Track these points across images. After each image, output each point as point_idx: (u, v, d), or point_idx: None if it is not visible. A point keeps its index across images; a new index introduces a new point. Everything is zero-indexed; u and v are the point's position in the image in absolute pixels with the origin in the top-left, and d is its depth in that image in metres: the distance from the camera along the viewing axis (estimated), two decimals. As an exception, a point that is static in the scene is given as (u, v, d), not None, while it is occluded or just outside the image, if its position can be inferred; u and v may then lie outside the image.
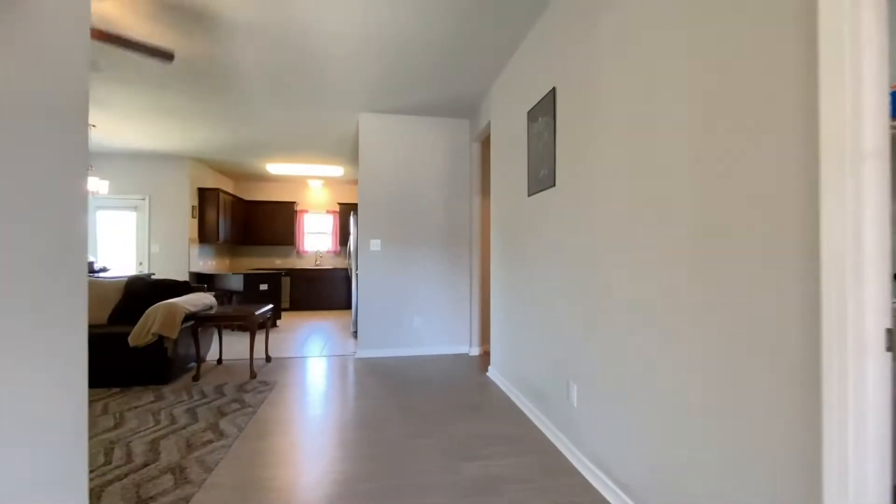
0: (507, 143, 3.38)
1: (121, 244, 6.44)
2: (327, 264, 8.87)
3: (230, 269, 8.36)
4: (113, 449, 2.29)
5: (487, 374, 3.81)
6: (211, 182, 7.39)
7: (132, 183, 6.37)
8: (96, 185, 4.79)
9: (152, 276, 5.80)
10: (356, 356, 4.47)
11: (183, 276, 6.49)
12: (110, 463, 2.14)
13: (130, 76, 3.56)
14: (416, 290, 4.60)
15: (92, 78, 3.60)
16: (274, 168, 7.29)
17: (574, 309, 2.24)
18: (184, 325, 3.57)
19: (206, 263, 7.22)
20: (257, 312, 3.73)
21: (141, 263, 6.38)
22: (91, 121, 4.65)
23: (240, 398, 3.11)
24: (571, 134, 2.28)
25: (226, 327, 3.72)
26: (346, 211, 8.58)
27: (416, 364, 4.17)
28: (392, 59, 3.28)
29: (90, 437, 2.43)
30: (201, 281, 6.73)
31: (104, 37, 2.26)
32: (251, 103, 4.21)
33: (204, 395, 3.16)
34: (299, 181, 8.67)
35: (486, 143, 4.83)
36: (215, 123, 4.83)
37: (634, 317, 1.72)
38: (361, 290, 4.50)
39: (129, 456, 2.22)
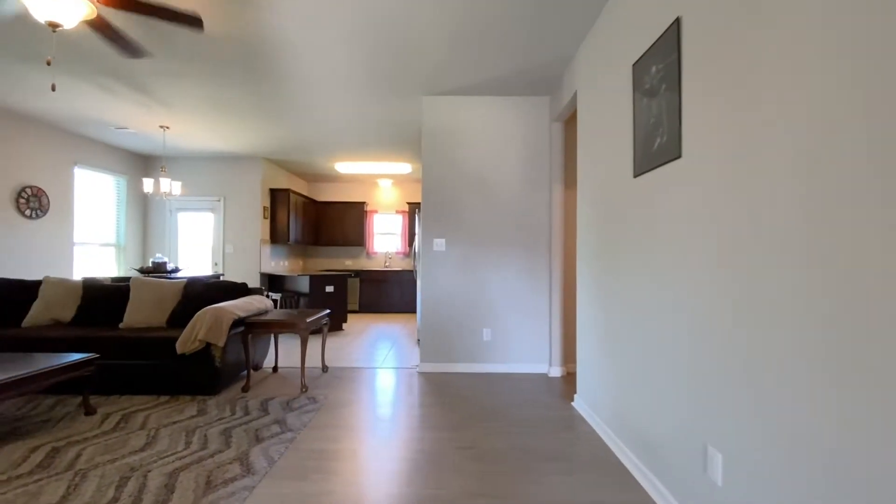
0: (601, 112, 2.64)
1: (200, 245, 6.63)
2: (396, 266, 8.58)
3: (303, 270, 8.39)
4: (128, 480, 1.97)
5: (573, 404, 3.08)
6: (284, 183, 7.41)
7: (209, 185, 6.52)
8: (168, 185, 4.83)
9: (221, 277, 5.84)
10: (418, 370, 3.97)
11: (254, 277, 6.51)
12: (117, 501, 1.81)
13: (185, 69, 3.39)
14: (485, 297, 3.98)
15: (149, 74, 3.49)
16: (343, 167, 7.12)
17: (717, 334, 1.47)
18: (234, 332, 3.31)
19: (277, 264, 7.24)
20: (309, 319, 3.37)
21: (216, 264, 6.51)
22: (163, 122, 4.68)
23: (282, 419, 2.73)
24: (710, 77, 1.53)
25: (280, 333, 3.40)
26: (416, 210, 8.22)
27: (485, 384, 3.55)
28: (463, 24, 2.71)
29: (115, 459, 2.16)
30: (272, 282, 6.72)
31: (124, 4, 1.97)
32: (313, 91, 3.90)
33: (247, 412, 2.84)
34: (369, 181, 8.49)
35: (570, 123, 4.08)
36: (279, 119, 4.63)
37: (846, 354, 0.95)
38: (424, 295, 3.99)
39: (139, 492, 1.87)
